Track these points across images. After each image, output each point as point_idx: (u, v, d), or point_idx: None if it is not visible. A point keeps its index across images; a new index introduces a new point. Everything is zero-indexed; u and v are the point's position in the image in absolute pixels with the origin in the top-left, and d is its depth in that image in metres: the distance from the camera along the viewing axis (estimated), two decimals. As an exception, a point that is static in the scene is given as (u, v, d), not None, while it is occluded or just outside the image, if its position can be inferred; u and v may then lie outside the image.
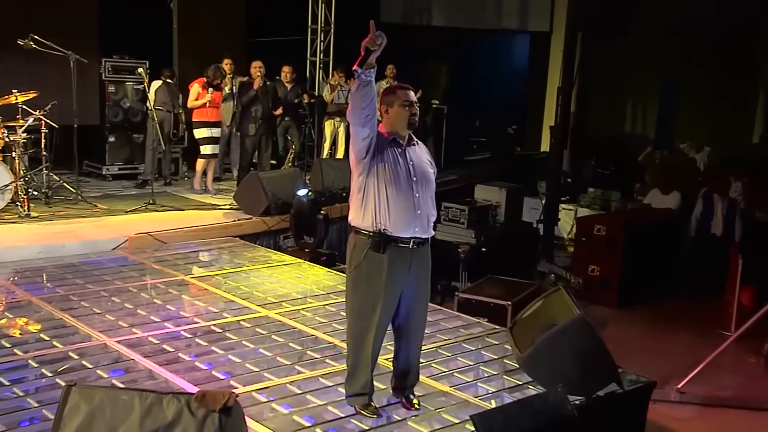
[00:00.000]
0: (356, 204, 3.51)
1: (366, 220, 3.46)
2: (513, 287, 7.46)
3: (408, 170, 3.50)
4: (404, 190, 3.46)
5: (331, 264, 7.03)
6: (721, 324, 8.11)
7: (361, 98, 3.27)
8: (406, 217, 3.47)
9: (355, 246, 3.50)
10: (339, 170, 8.68)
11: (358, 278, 3.50)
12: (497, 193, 9.01)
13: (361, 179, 3.47)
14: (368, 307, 3.49)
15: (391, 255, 3.45)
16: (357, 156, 3.44)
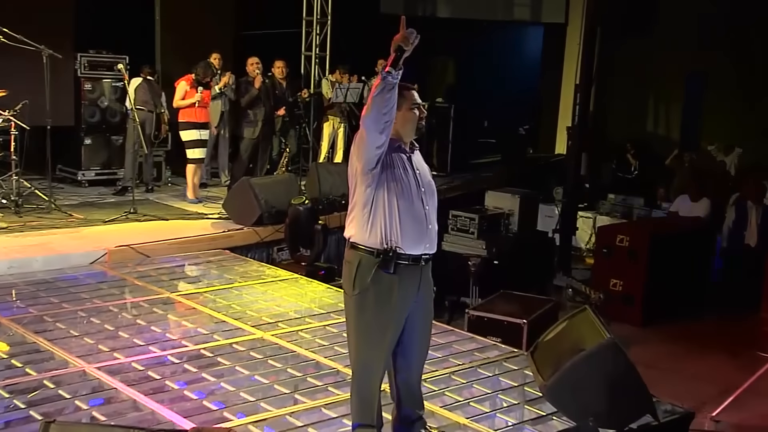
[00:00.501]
0: (361, 219, 3.41)
1: (374, 237, 3.38)
2: (528, 304, 7.41)
3: (416, 180, 3.46)
4: (415, 202, 3.42)
5: (330, 279, 6.97)
6: (758, 344, 8.05)
7: (384, 103, 3.20)
8: (418, 232, 3.42)
9: (360, 265, 3.41)
10: (337, 175, 8.63)
11: (364, 302, 3.41)
12: (510, 200, 8.96)
13: (369, 192, 3.39)
14: (377, 332, 3.43)
15: (402, 275, 3.40)
16: (366, 166, 3.35)
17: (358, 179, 3.42)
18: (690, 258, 8.79)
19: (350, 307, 3.48)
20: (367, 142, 3.30)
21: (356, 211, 3.44)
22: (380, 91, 3.19)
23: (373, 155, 3.33)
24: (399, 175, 3.40)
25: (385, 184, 3.38)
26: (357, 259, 3.42)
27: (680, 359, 7.63)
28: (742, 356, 7.81)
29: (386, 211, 3.37)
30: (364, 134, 3.30)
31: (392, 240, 3.36)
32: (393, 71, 3.16)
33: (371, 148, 3.31)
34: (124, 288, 5.94)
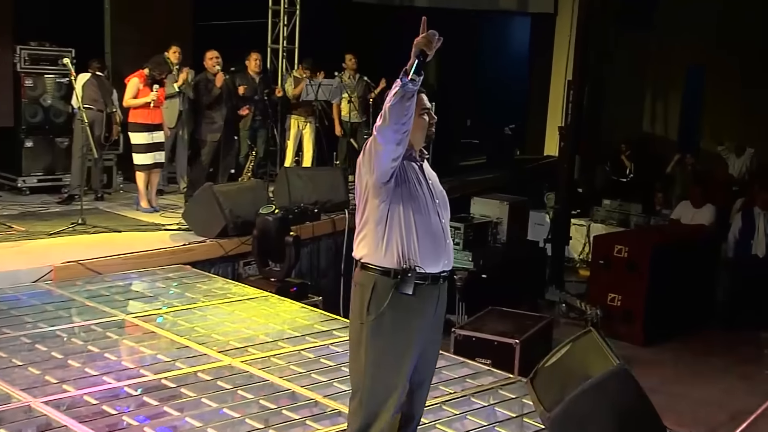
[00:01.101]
0: (374, 237, 3.38)
1: (390, 256, 3.35)
2: (520, 321, 7.41)
3: (430, 192, 3.46)
4: (432, 216, 3.42)
5: (303, 296, 6.92)
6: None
7: (404, 112, 3.16)
8: (437, 249, 3.41)
9: (375, 288, 3.36)
10: (309, 181, 8.58)
11: (380, 328, 3.36)
12: (498, 207, 8.97)
13: (383, 207, 3.35)
14: (395, 362, 3.39)
15: (421, 296, 3.37)
16: (380, 179, 3.32)
17: (369, 194, 3.38)
18: (694, 270, 8.84)
19: (363, 334, 3.42)
20: (382, 154, 3.26)
21: (368, 229, 3.40)
22: (399, 99, 3.14)
23: (388, 168, 3.30)
24: (414, 188, 3.39)
25: (401, 198, 3.36)
26: (371, 281, 3.37)
27: (687, 382, 7.65)
28: (752, 378, 7.87)
29: (403, 227, 3.35)
30: (380, 146, 3.25)
31: (410, 258, 3.34)
32: (416, 78, 3.12)
33: (387, 161, 3.27)
34: (73, 310, 5.81)
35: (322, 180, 8.69)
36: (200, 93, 8.82)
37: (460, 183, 10.80)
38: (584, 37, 9.79)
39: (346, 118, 10.51)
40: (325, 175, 8.82)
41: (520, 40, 14.39)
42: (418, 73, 3.11)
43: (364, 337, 3.41)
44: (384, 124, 3.20)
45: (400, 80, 3.12)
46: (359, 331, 3.42)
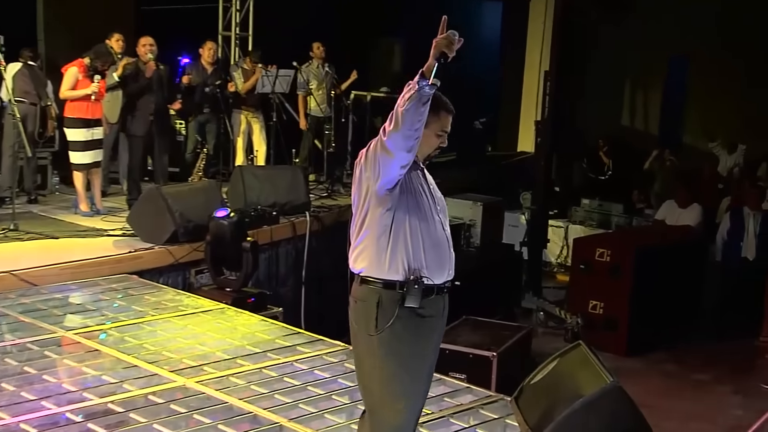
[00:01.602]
0: (376, 248, 3.39)
1: (395, 268, 3.37)
2: (496, 332, 7.41)
3: (432, 198, 3.49)
4: (436, 224, 3.45)
5: (262, 307, 6.85)
6: (760, 376, 8.20)
7: (418, 117, 3.17)
8: (442, 258, 3.45)
9: (381, 304, 3.38)
10: (266, 181, 8.51)
11: (391, 341, 3.37)
12: (471, 209, 8.97)
13: (387, 215, 3.37)
14: (412, 376, 3.42)
15: (430, 308, 3.42)
16: (385, 186, 3.33)
17: (371, 201, 3.39)
18: (681, 274, 8.91)
19: (374, 348, 3.42)
20: (392, 162, 3.26)
21: (369, 240, 3.42)
22: (414, 103, 3.13)
23: (396, 175, 3.31)
24: (419, 195, 3.42)
25: (406, 206, 3.38)
26: (375, 296, 3.39)
27: (674, 395, 7.70)
28: (744, 390, 7.95)
29: (408, 237, 3.37)
30: (390, 152, 3.24)
31: (417, 269, 3.37)
32: (436, 82, 3.14)
33: (396, 168, 3.28)
34: (5, 326, 5.65)
35: (280, 180, 8.61)
36: (127, 81, 8.69)
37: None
38: (562, 25, 9.82)
39: (309, 112, 10.41)
40: (284, 175, 8.73)
41: (492, 28, 14.42)
42: (438, 76, 3.12)
43: (376, 351, 3.41)
44: (395, 129, 3.18)
45: (417, 83, 3.11)
46: (369, 345, 3.42)
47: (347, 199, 9.49)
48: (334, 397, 4.77)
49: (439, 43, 3.17)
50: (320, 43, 10.37)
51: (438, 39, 3.17)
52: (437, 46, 3.16)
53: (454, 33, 3.17)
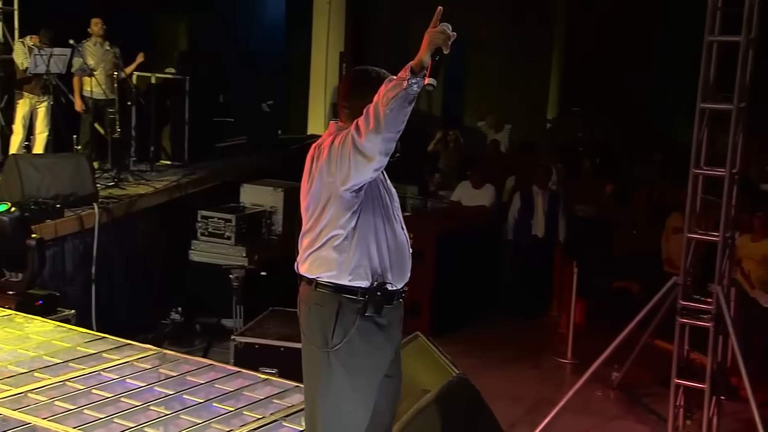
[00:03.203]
0: (337, 252, 3.14)
1: (358, 274, 3.14)
2: None
3: (390, 194, 3.29)
4: (396, 224, 3.24)
5: (51, 310, 6.35)
6: (555, 349, 8.57)
7: (402, 118, 2.89)
8: (404, 261, 3.27)
9: (341, 311, 3.14)
10: (47, 171, 7.86)
11: (347, 355, 3.15)
12: (271, 195, 8.73)
13: (350, 217, 3.12)
14: (367, 390, 3.21)
15: (390, 316, 3.23)
16: (352, 189, 3.06)
17: (334, 203, 3.11)
18: (479, 255, 9.13)
19: (324, 363, 3.18)
20: (367, 165, 2.97)
21: (328, 243, 3.15)
22: (400, 102, 2.84)
23: (368, 178, 3.05)
24: (383, 194, 3.21)
25: (371, 206, 3.14)
26: (334, 303, 3.15)
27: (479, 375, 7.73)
28: (542, 365, 8.28)
29: (374, 239, 3.15)
30: (366, 155, 2.95)
31: (380, 274, 3.16)
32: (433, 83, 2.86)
33: (370, 171, 3.01)
34: None
35: (62, 170, 7.97)
36: None
37: (221, 168, 10.40)
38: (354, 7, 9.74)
39: (89, 95, 9.69)
40: (67, 164, 8.09)
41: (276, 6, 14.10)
42: (435, 76, 2.84)
43: (326, 367, 3.18)
44: (376, 131, 2.88)
45: (406, 81, 2.81)
46: (323, 359, 3.17)
47: (136, 188, 8.97)
48: (153, 408, 4.43)
49: (434, 37, 2.87)
50: (99, 19, 9.68)
51: (432, 32, 2.87)
52: (432, 41, 2.86)
53: (448, 26, 2.88)
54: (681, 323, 6.50)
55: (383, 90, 2.90)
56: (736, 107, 6.20)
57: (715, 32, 6.30)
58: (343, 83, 3.37)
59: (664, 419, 6.83)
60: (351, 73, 3.39)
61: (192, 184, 9.21)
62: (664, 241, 9.13)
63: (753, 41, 6.17)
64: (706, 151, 6.47)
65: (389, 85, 2.89)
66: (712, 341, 6.38)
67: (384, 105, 2.87)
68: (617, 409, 7.28)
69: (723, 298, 6.28)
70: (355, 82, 3.29)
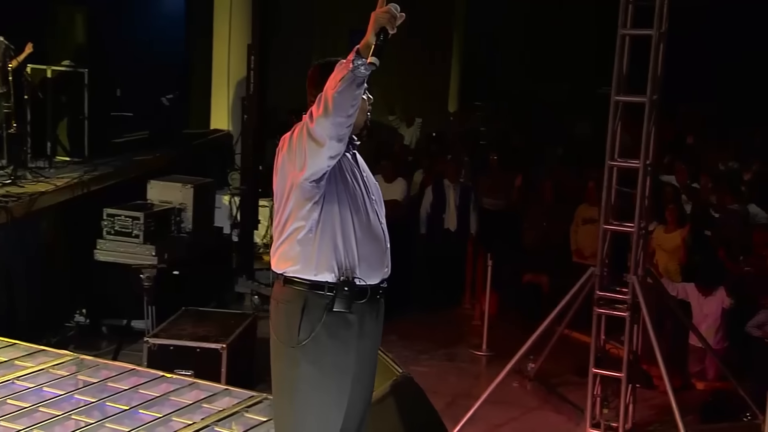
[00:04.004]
0: (303, 245, 3.06)
1: (323, 268, 3.06)
2: (221, 322, 7.15)
3: (366, 186, 3.19)
4: (370, 216, 3.15)
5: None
6: (470, 342, 8.62)
7: (353, 101, 2.84)
8: (378, 255, 3.18)
9: (307, 307, 3.05)
10: None
11: (316, 352, 3.05)
12: (180, 192, 8.48)
13: (313, 208, 3.04)
14: (333, 398, 3.10)
15: (361, 313, 3.13)
16: (310, 178, 2.99)
17: (296, 194, 3.03)
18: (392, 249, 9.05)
19: (291, 360, 3.09)
20: (320, 152, 2.91)
21: (293, 236, 3.07)
22: (347, 85, 2.79)
23: (324, 167, 2.97)
24: (351, 183, 3.10)
25: (336, 196, 3.05)
26: (300, 299, 3.06)
27: (398, 369, 7.86)
28: (458, 358, 8.33)
29: (339, 231, 3.06)
30: (318, 141, 2.89)
31: (348, 269, 3.06)
32: (376, 62, 2.81)
33: (324, 159, 2.94)
34: None
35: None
36: None
37: (123, 164, 10.05)
38: None
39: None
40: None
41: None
42: (379, 55, 2.80)
43: (293, 364, 3.09)
44: (325, 115, 2.83)
45: (352, 62, 2.76)
46: (290, 358, 3.08)
47: (35, 186, 8.56)
48: (74, 417, 4.22)
49: (379, 17, 2.84)
50: None
51: (377, 12, 2.84)
52: (377, 20, 2.83)
53: (396, 7, 2.86)
54: (598, 313, 6.61)
55: (333, 74, 2.88)
56: (649, 99, 6.33)
57: (627, 26, 6.41)
58: (308, 78, 3.29)
59: (580, 408, 6.95)
60: (315, 66, 3.31)
61: (95, 181, 8.85)
62: (573, 232, 9.28)
63: (664, 34, 6.31)
64: (620, 143, 6.58)
65: (338, 68, 2.87)
66: (628, 330, 6.51)
67: (332, 88, 2.85)
68: (534, 399, 7.37)
69: (639, 287, 6.41)
70: (319, 75, 3.22)
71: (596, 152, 13.24)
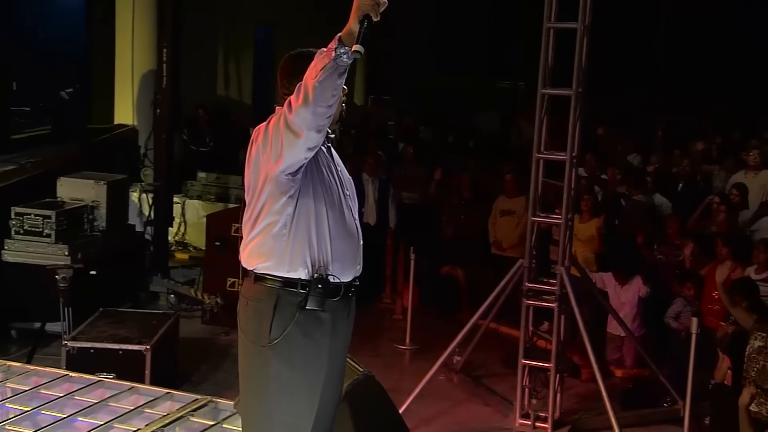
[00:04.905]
0: (275, 241, 2.96)
1: (297, 264, 2.96)
2: (141, 322, 6.95)
3: (340, 181, 3.10)
4: (345, 212, 3.08)
5: None
6: (392, 336, 8.59)
7: (333, 91, 2.73)
8: (352, 251, 3.11)
9: (279, 305, 2.95)
10: None
11: (288, 351, 2.95)
12: (92, 189, 8.17)
13: (287, 202, 2.94)
14: (305, 389, 3.02)
15: (333, 311, 3.05)
16: (286, 171, 2.89)
17: (269, 187, 2.92)
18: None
19: (261, 359, 3.00)
20: (298, 142, 2.81)
21: (266, 231, 2.96)
22: (329, 74, 2.69)
23: (301, 158, 2.87)
24: (326, 177, 3.01)
25: (311, 191, 2.96)
26: (272, 296, 2.97)
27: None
28: (382, 352, 8.30)
29: (313, 227, 2.97)
30: (296, 132, 2.79)
31: (322, 266, 2.98)
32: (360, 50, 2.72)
33: (302, 150, 2.84)
34: None
35: None
36: None
37: (24, 160, 9.59)
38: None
39: None
40: None
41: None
42: (363, 43, 2.71)
43: (264, 363, 2.99)
44: (304, 104, 2.73)
45: (334, 50, 2.66)
46: (260, 357, 2.99)
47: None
48: (8, 428, 4.02)
49: (362, 4, 2.74)
50: None
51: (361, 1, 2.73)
52: (360, 7, 2.74)
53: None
54: (527, 305, 6.65)
55: (313, 63, 2.79)
56: (575, 92, 6.39)
57: (552, 19, 6.46)
58: (280, 69, 3.19)
59: (507, 400, 6.99)
60: (288, 57, 3.20)
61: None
62: (491, 224, 9.35)
63: (588, 28, 6.38)
64: (546, 135, 6.63)
65: (319, 56, 2.78)
66: (556, 321, 6.57)
67: (313, 77, 2.75)
68: (462, 392, 7.38)
69: (567, 278, 6.48)
70: (291, 66, 3.15)
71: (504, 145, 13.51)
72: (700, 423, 6.74)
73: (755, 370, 5.84)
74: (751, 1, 16.59)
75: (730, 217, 8.14)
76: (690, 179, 10.04)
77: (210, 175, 10.82)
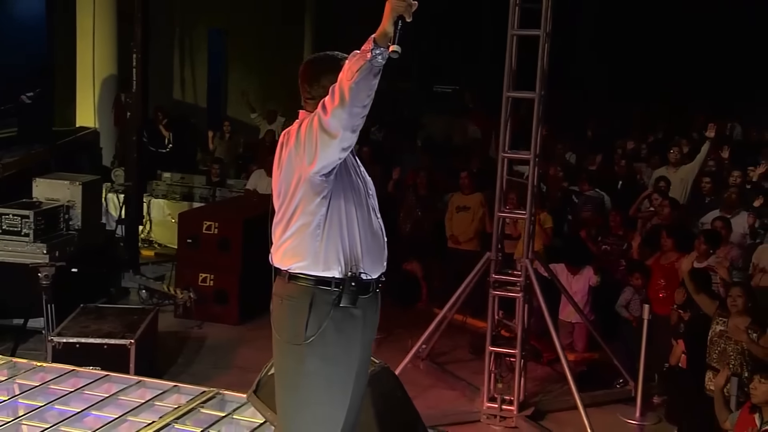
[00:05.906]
0: (310, 240, 2.89)
1: (331, 263, 2.90)
2: (123, 318, 6.86)
3: (364, 179, 3.03)
4: (370, 212, 3.00)
5: None
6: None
7: (369, 91, 2.65)
8: (378, 250, 3.04)
9: (314, 303, 2.89)
10: None
11: (323, 348, 2.90)
12: (68, 189, 7.99)
13: (321, 203, 2.87)
14: (342, 384, 2.98)
15: (364, 307, 2.99)
16: (321, 171, 2.81)
17: (303, 188, 2.84)
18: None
19: (297, 358, 2.93)
20: (333, 143, 2.71)
21: (300, 232, 2.90)
22: (365, 75, 2.61)
23: (336, 159, 2.78)
24: (354, 177, 2.95)
25: (341, 191, 2.88)
26: (308, 295, 2.91)
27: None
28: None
29: (345, 226, 2.90)
30: (332, 132, 2.70)
31: (354, 263, 2.91)
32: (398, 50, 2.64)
33: (337, 151, 2.74)
34: None
35: None
36: None
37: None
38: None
39: None
40: None
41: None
42: (399, 43, 2.64)
43: (300, 360, 2.93)
44: (341, 105, 2.64)
45: (370, 52, 2.57)
46: (295, 354, 2.93)
47: None
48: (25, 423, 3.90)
49: (396, 5, 2.65)
50: None
51: (393, 1, 2.65)
52: (394, 9, 2.65)
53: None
54: (493, 295, 6.71)
55: (347, 65, 2.72)
56: (538, 95, 6.46)
57: (515, 26, 6.52)
58: (300, 75, 3.09)
59: (472, 384, 7.04)
60: (306, 62, 3.12)
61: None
62: (447, 220, 9.38)
63: (549, 34, 6.46)
64: (510, 136, 6.69)
65: (353, 59, 2.72)
66: (521, 310, 6.65)
67: (349, 79, 2.69)
68: (428, 378, 7.40)
69: (531, 270, 6.55)
70: (311, 70, 3.07)
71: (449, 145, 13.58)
72: (649, 402, 6.91)
73: (716, 352, 5.94)
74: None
75: (673, 211, 8.31)
76: (628, 176, 10.24)
77: (175, 175, 10.65)
